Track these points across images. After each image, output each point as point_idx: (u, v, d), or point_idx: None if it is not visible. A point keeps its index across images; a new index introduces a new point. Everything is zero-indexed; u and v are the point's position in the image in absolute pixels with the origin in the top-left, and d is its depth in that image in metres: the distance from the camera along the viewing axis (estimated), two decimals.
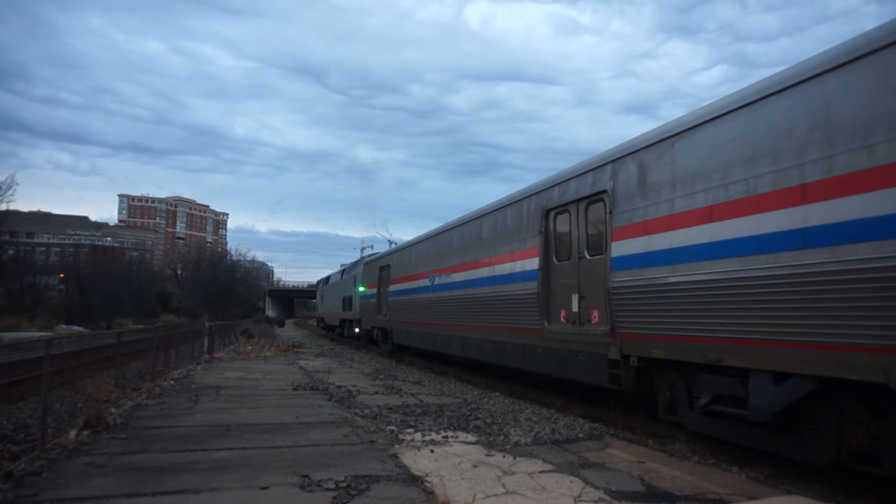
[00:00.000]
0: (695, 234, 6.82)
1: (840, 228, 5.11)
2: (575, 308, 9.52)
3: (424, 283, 17.74)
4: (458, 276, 14.92)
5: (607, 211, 8.68)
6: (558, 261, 10.25)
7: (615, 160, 8.64)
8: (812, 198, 5.41)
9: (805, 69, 5.72)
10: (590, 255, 9.28)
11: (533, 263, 10.85)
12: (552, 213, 10.49)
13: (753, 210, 6.03)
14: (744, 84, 6.57)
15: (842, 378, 5.13)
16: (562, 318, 9.92)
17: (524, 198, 11.65)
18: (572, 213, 9.83)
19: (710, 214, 6.62)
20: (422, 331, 18.26)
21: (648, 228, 7.69)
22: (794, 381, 5.66)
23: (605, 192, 8.80)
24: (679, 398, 7.52)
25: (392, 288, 21.83)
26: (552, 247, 10.46)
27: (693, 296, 6.83)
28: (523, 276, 11.21)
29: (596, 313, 8.92)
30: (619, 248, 8.29)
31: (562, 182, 10.24)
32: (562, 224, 10.22)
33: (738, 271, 6.17)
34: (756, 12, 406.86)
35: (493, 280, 12.62)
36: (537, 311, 10.56)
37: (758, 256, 5.93)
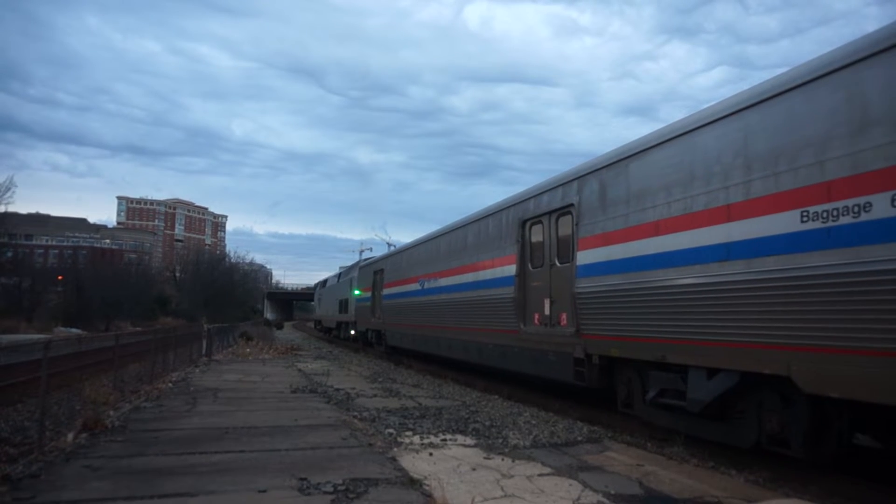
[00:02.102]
0: (644, 246, 7.65)
1: (754, 244, 5.94)
2: (547, 311, 10.31)
3: (415, 287, 18.52)
4: (445, 281, 15.72)
5: (574, 223, 9.48)
6: (533, 268, 11.04)
7: (581, 177, 9.45)
8: (735, 216, 6.23)
9: (732, 104, 6.56)
10: (560, 263, 10.07)
11: (511, 270, 11.64)
12: (528, 224, 11.29)
13: (690, 226, 6.86)
14: (744, 86, 7.23)
15: (758, 372, 5.96)
16: (536, 321, 10.71)
17: (504, 208, 12.46)
18: (545, 224, 10.62)
19: (657, 229, 7.44)
20: (413, 333, 19.05)
21: (607, 239, 8.49)
22: (722, 375, 6.49)
23: (572, 205, 9.59)
24: (634, 392, 8.32)
25: (385, 291, 22.61)
26: (528, 255, 11.26)
27: (642, 301, 7.63)
28: (502, 281, 12.01)
29: (564, 316, 9.71)
30: (583, 257, 9.08)
31: (536, 195, 11.04)
32: (536, 234, 11.02)
33: (677, 279, 7.00)
34: (757, 13, 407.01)
35: (476, 285, 13.42)
36: (514, 315, 11.35)
37: (693, 266, 6.76)
